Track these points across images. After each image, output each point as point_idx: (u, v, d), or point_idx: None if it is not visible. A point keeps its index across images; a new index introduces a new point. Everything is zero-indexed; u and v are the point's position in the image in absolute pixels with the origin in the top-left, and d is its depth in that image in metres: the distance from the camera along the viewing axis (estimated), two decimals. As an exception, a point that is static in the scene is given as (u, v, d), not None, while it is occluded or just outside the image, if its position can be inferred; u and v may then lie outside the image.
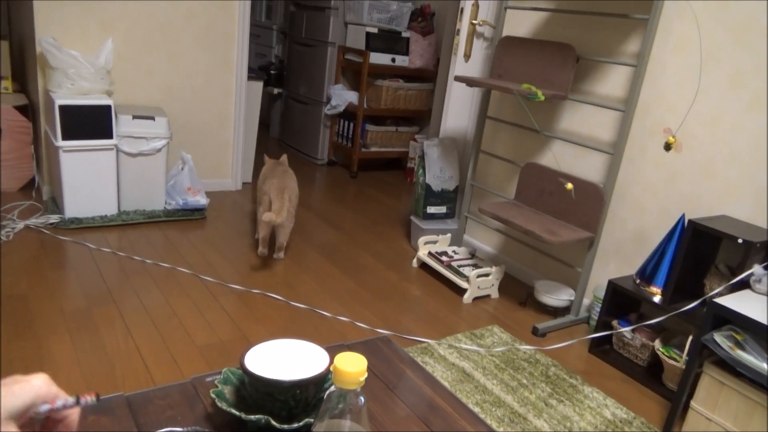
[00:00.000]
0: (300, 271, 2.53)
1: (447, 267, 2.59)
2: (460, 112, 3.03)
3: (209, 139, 3.31)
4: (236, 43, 3.22)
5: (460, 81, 2.45)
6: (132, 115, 2.71)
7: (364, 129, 4.16)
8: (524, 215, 2.35)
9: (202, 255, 2.55)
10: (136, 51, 2.94)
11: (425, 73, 4.24)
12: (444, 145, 2.93)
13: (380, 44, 3.97)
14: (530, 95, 2.17)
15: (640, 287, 2.08)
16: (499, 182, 2.83)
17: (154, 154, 2.80)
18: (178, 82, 3.11)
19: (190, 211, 2.95)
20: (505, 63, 2.49)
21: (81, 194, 2.66)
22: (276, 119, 5.06)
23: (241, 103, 3.33)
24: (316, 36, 4.26)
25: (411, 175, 4.29)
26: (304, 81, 4.48)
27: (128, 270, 2.31)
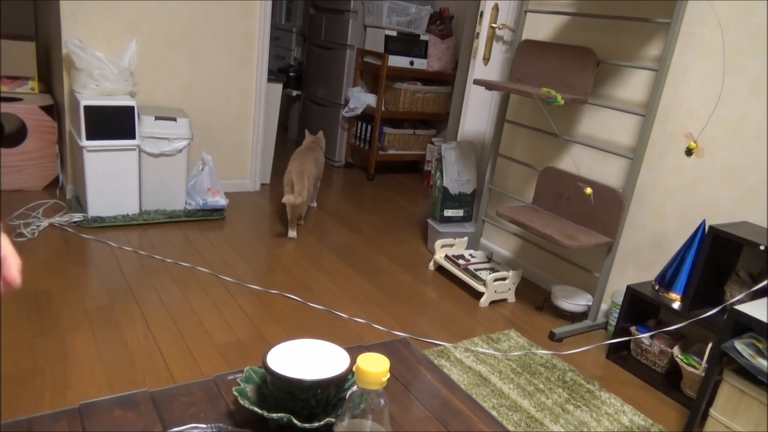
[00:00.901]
0: (317, 272, 2.55)
1: (464, 270, 2.59)
2: (478, 115, 3.03)
3: (229, 140, 3.35)
4: (257, 44, 3.25)
5: (479, 84, 2.45)
6: (154, 116, 2.75)
7: (382, 131, 4.17)
8: (542, 219, 2.34)
9: (221, 255, 2.58)
10: (159, 52, 2.99)
11: (443, 76, 4.24)
12: (462, 148, 2.93)
13: (399, 47, 3.99)
14: (550, 99, 2.17)
15: (659, 293, 2.06)
16: (517, 186, 2.82)
17: (176, 155, 2.84)
18: (199, 83, 3.15)
19: (209, 212, 2.99)
20: (525, 66, 2.49)
21: (104, 193, 2.70)
22: (294, 121, 5.09)
23: (260, 104, 3.36)
24: (335, 38, 4.28)
25: (428, 178, 4.29)
26: (322, 83, 4.50)
27: (149, 268, 2.35)
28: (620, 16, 2.26)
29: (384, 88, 4.01)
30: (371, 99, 4.12)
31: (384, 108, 4.13)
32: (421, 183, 4.34)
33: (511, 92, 2.30)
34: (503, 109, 2.66)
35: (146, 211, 2.87)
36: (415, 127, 4.38)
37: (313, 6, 4.65)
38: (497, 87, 2.38)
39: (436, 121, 4.51)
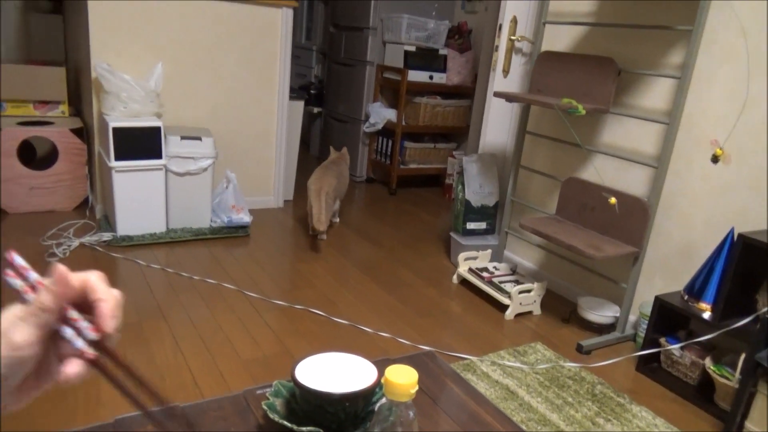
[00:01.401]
0: (341, 287, 2.56)
1: (488, 283, 2.57)
2: (499, 127, 3.03)
3: (252, 158, 3.40)
4: (278, 64, 3.31)
5: (499, 96, 2.46)
6: (180, 136, 2.81)
7: (403, 146, 4.19)
8: (566, 230, 2.32)
9: (246, 271, 2.60)
10: (184, 73, 3.06)
11: (463, 90, 4.25)
12: (483, 160, 2.93)
13: (418, 62, 4.02)
14: (571, 110, 2.16)
15: (688, 303, 2.02)
16: (540, 197, 2.81)
17: (201, 173, 2.89)
18: (223, 102, 3.21)
19: (234, 229, 3.03)
20: (545, 78, 2.49)
21: (132, 213, 2.76)
22: (316, 137, 5.14)
23: (282, 122, 3.41)
24: (355, 55, 4.33)
25: (449, 192, 4.29)
26: (342, 100, 4.55)
27: (176, 286, 2.38)
28: (640, 24, 2.25)
29: (404, 103, 4.03)
30: (391, 114, 4.15)
31: (404, 122, 4.15)
32: (442, 196, 4.34)
33: (531, 104, 2.30)
34: (524, 121, 2.65)
35: (173, 229, 2.92)
36: (436, 140, 4.39)
37: (333, 25, 4.72)
38: (518, 99, 2.38)
39: (456, 135, 4.51)
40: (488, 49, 3.75)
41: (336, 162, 3.31)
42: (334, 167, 3.19)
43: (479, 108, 3.92)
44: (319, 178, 3.03)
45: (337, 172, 3.17)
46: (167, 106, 3.05)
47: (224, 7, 3.06)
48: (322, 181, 3.01)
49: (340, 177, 3.20)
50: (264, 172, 3.47)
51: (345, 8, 4.45)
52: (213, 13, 3.04)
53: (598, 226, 2.34)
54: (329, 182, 3.02)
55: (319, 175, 3.07)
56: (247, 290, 2.41)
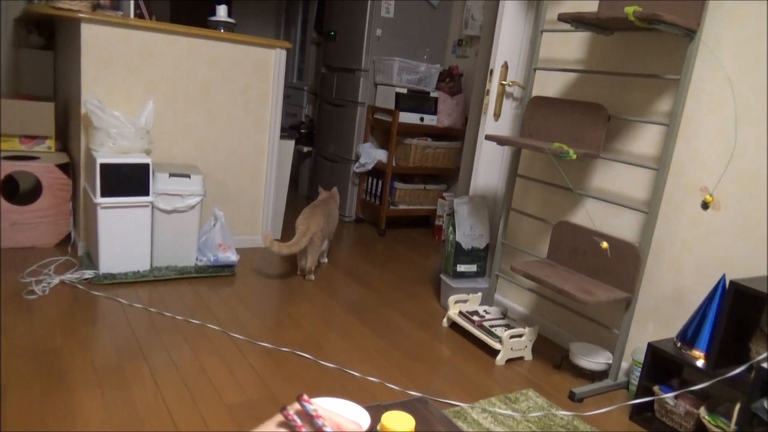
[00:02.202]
0: (329, 329, 2.53)
1: (478, 327, 2.56)
2: (490, 169, 3.07)
3: (241, 196, 3.40)
4: (270, 103, 3.35)
5: (490, 140, 2.50)
6: (169, 173, 2.82)
7: (393, 187, 4.22)
8: (558, 274, 2.33)
9: (231, 311, 2.57)
10: (176, 111, 3.09)
11: (453, 132, 4.32)
12: (474, 202, 2.96)
13: (409, 104, 4.09)
14: (562, 154, 2.20)
15: (681, 351, 2.02)
16: (531, 241, 2.83)
17: (188, 211, 2.88)
18: (214, 140, 3.23)
19: (220, 268, 3.00)
20: (536, 122, 2.54)
21: (116, 250, 2.73)
22: (305, 176, 5.17)
23: (272, 160, 3.43)
24: (346, 96, 4.41)
25: (439, 233, 4.31)
26: (333, 139, 4.60)
27: (159, 326, 2.34)
28: (629, 72, 2.32)
29: (395, 144, 4.09)
30: (382, 154, 4.19)
31: (395, 163, 4.19)
32: (432, 238, 4.35)
33: (523, 147, 2.34)
34: (515, 164, 2.70)
35: (157, 267, 2.89)
36: (426, 182, 4.43)
37: (325, 66, 4.81)
38: (509, 142, 2.42)
39: (446, 176, 4.56)
40: (479, 92, 3.84)
41: (325, 202, 3.33)
42: (323, 207, 3.21)
43: (470, 150, 3.98)
44: (307, 218, 3.04)
45: (326, 211, 3.18)
46: (157, 142, 3.06)
47: (219, 46, 3.12)
48: (310, 221, 3.02)
49: (329, 217, 3.21)
50: (252, 211, 3.47)
51: (337, 50, 4.55)
52: (207, 52, 3.09)
53: (589, 271, 2.35)
54: (317, 222, 3.03)
55: (308, 214, 3.08)
56: (231, 331, 2.38)
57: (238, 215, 3.42)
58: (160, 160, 3.09)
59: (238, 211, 3.41)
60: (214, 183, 3.28)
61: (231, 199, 3.37)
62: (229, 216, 3.36)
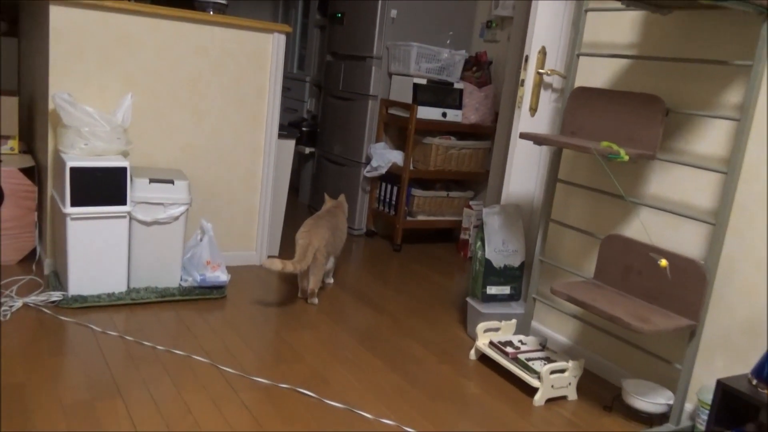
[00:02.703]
0: (335, 362, 2.52)
1: (513, 360, 2.54)
2: (525, 174, 3.06)
3: (233, 205, 3.42)
4: (267, 97, 3.38)
5: (526, 138, 2.49)
6: (149, 178, 2.84)
7: (410, 194, 4.23)
8: (607, 298, 2.31)
9: (221, 341, 2.57)
10: (158, 107, 3.12)
11: (481, 130, 4.32)
12: (506, 213, 2.95)
13: (429, 97, 4.10)
14: (611, 155, 2.19)
15: (757, 389, 1.99)
16: (575, 257, 2.80)
17: (171, 223, 2.90)
18: (202, 140, 3.26)
19: (208, 289, 3.01)
20: (579, 118, 2.53)
21: (88, 268, 2.75)
22: (307, 182, 5.19)
23: (269, 164, 3.45)
24: (355, 88, 4.43)
25: (465, 249, 4.29)
26: (340, 139, 4.62)
27: (137, 357, 2.35)
28: (691, 58, 2.31)
29: (412, 144, 4.09)
30: (397, 156, 4.20)
31: (412, 167, 4.20)
32: (457, 254, 4.34)
33: (564, 147, 2.33)
34: (555, 167, 2.69)
35: (135, 288, 2.91)
36: (449, 188, 4.43)
37: (330, 53, 4.85)
38: (548, 142, 2.41)
39: (473, 182, 4.56)
40: (511, 83, 3.83)
41: (331, 212, 3.33)
42: (328, 218, 3.21)
43: (501, 151, 3.97)
44: (308, 231, 3.04)
45: (331, 224, 3.19)
46: (136, 143, 3.09)
47: (208, 32, 3.15)
48: (313, 235, 3.02)
49: (335, 230, 3.21)
50: (246, 223, 3.48)
51: (345, 35, 4.58)
52: (195, 38, 3.13)
53: (645, 294, 2.33)
54: (321, 236, 3.04)
55: (310, 227, 3.08)
56: (222, 364, 2.38)
57: (229, 228, 3.43)
58: (140, 163, 3.12)
59: (229, 223, 3.43)
60: (201, 190, 3.30)
61: (221, 210, 3.39)
62: (219, 229, 3.37)
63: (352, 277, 3.59)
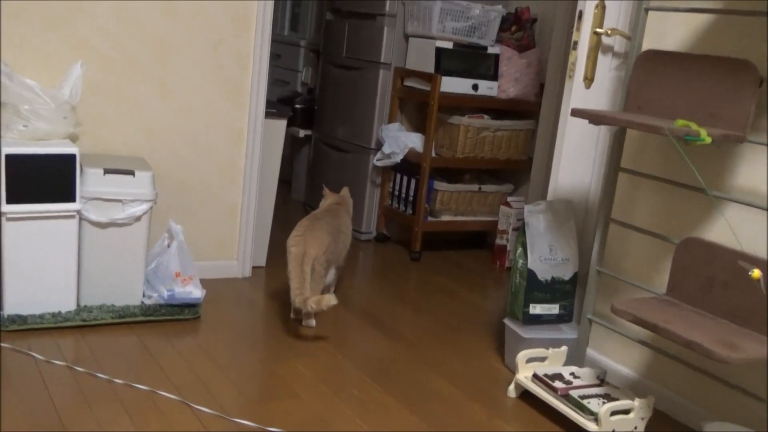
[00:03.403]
0: (338, 400, 2.53)
1: (563, 398, 2.53)
2: (578, 162, 3.05)
3: (209, 203, 3.43)
4: (251, 67, 3.39)
5: (579, 116, 2.48)
6: (103, 168, 2.85)
7: (432, 188, 4.22)
8: (683, 318, 2.29)
9: (194, 373, 2.58)
10: (115, 80, 3.14)
11: (523, 106, 4.31)
12: (555, 211, 2.94)
13: (456, 65, 4.09)
14: (689, 136, 2.18)
15: None
16: (642, 267, 2.79)
17: (132, 224, 2.91)
18: (170, 122, 3.27)
19: (178, 308, 3.02)
20: (648, 89, 2.52)
21: (27, 282, 2.77)
22: (301, 173, 5.20)
23: (255, 150, 3.46)
24: (363, 54, 4.43)
25: (502, 258, 4.28)
26: (343, 119, 4.63)
27: (89, 393, 2.36)
28: (790, 13, 2.29)
29: (435, 125, 4.09)
30: (415, 141, 4.20)
31: (435, 153, 4.19)
32: (491, 264, 4.33)
33: (628, 127, 2.32)
34: (617, 153, 2.67)
35: (87, 307, 2.92)
36: (482, 180, 4.42)
37: (331, 10, 4.85)
38: (608, 120, 2.40)
39: (512, 172, 4.54)
40: (561, 46, 3.82)
41: (332, 211, 3.34)
42: (328, 219, 3.22)
43: (547, 133, 3.96)
44: (303, 235, 3.04)
45: (333, 225, 3.19)
46: (87, 125, 3.10)
47: (176, -16, 3.18)
48: (309, 240, 3.02)
49: (338, 234, 3.21)
50: (225, 225, 3.49)
51: (350, -13, 4.59)
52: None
53: (732, 313, 2.31)
54: (320, 241, 3.04)
55: (305, 230, 3.08)
56: (195, 402, 2.38)
57: (204, 232, 3.44)
58: (92, 150, 3.14)
59: (204, 224, 3.44)
60: (169, 184, 3.31)
61: (194, 208, 3.40)
62: (192, 232, 3.37)
63: (359, 294, 3.59)
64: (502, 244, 4.29)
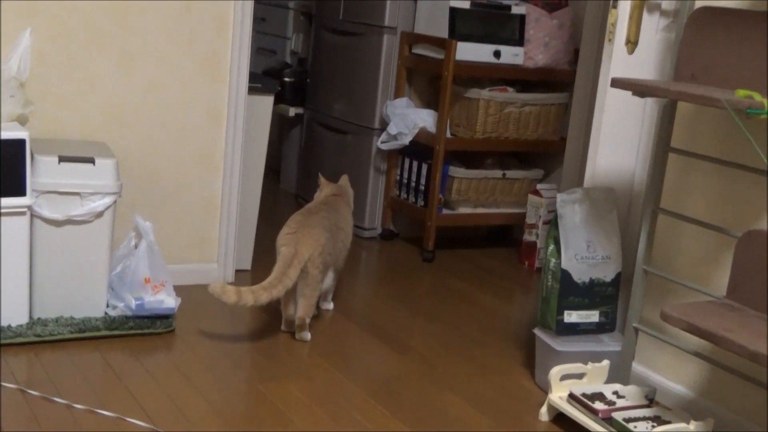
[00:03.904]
0: (337, 426, 2.53)
1: (605, 421, 2.54)
2: (620, 141, 3.04)
3: (183, 196, 3.43)
4: (231, 33, 3.38)
5: (620, 87, 2.48)
6: (58, 156, 2.85)
7: (447, 175, 4.22)
8: (747, 325, 2.29)
9: (167, 396, 2.59)
10: (70, 50, 3.13)
11: (554, 76, 4.31)
12: (592, 200, 2.93)
13: (474, 28, 4.09)
14: (752, 109, 2.17)
15: None
16: (697, 266, 2.79)
17: (92, 222, 2.92)
18: (136, 100, 3.27)
19: (148, 320, 3.02)
20: (702, 54, 2.51)
21: (-31, 290, 2.78)
22: (292, 160, 5.20)
23: (237, 133, 3.45)
24: (363, 17, 4.43)
25: (531, 256, 4.28)
26: (340, 94, 4.62)
27: (45, 421, 2.36)
28: None
29: (450, 100, 4.08)
30: (427, 119, 4.20)
31: (450, 134, 4.19)
32: (518, 264, 4.33)
33: (679, 99, 2.31)
34: (666, 131, 2.67)
35: (41, 320, 2.92)
36: (506, 165, 4.42)
37: (325, -35, 4.83)
38: (655, 91, 2.39)
39: (542, 155, 4.54)
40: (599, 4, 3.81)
41: (330, 204, 3.34)
42: (325, 213, 3.22)
43: (583, 107, 3.95)
44: (295, 233, 3.05)
45: (330, 221, 3.19)
46: (38, 104, 3.10)
47: (141, -65, 3.17)
48: (302, 238, 3.02)
49: (336, 231, 3.22)
50: (203, 221, 3.49)
51: (347, -63, 4.57)
52: (122, -54, 3.15)
53: (805, 319, 2.31)
54: (314, 240, 3.04)
55: (298, 226, 3.09)
56: (169, 429, 2.39)
57: (178, 228, 3.44)
58: (45, 134, 3.13)
59: (177, 221, 3.44)
60: (136, 173, 3.31)
61: (166, 202, 3.40)
62: (163, 230, 3.37)
63: (362, 301, 3.59)
64: (531, 240, 4.29)
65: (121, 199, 3.09)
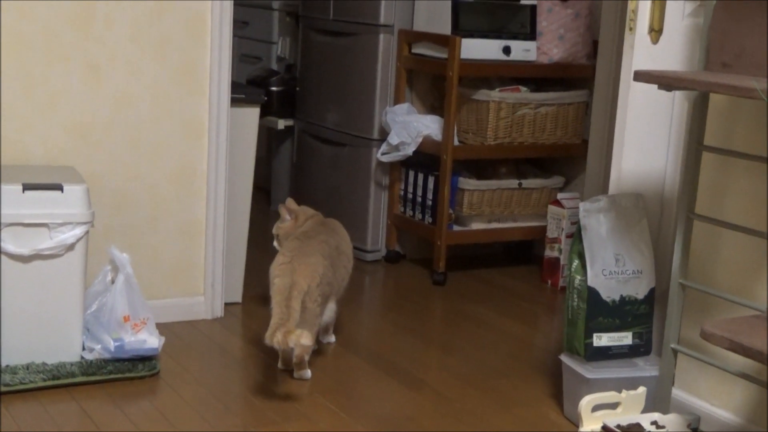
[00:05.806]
0: (346, 472, 2.54)
1: (644, 455, 2.54)
2: (647, 142, 3.04)
3: (162, 222, 3.43)
4: (209, 38, 3.40)
5: (644, 80, 2.49)
6: (22, 183, 2.86)
7: (457, 187, 4.22)
8: (798, 341, 2.29)
9: (154, 447, 2.60)
10: (29, 62, 3.14)
11: (572, 72, 4.32)
12: (620, 208, 2.93)
13: (481, 22, 4.10)
14: (791, 100, 2.18)
15: None
16: (739, 277, 2.79)
17: (63, 255, 2.92)
18: (105, 116, 3.28)
19: (129, 363, 3.02)
20: (735, 40, 2.52)
21: (-72, 337, 2.79)
22: (283, 177, 5.20)
23: (220, 149, 3.46)
24: (356, 15, 4.44)
25: (555, 275, 4.27)
26: (334, 102, 4.63)
27: (16, 481, 2.37)
28: None
29: (456, 104, 4.09)
30: (431, 125, 4.20)
31: (458, 141, 4.19)
32: (540, 284, 4.32)
33: (711, 91, 2.32)
34: (698, 127, 2.67)
35: (10, 367, 2.92)
36: (522, 174, 4.42)
37: (312, -41, 4.86)
38: (682, 83, 2.40)
39: (562, 160, 4.54)
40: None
41: (327, 225, 3.35)
42: (324, 237, 3.23)
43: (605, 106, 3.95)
44: (290, 261, 3.04)
45: (330, 245, 3.21)
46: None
47: (105, -65, 3.19)
48: (298, 267, 3.01)
49: (337, 255, 3.23)
50: (186, 250, 3.49)
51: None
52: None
53: None
54: (312, 269, 3.04)
55: (293, 253, 3.09)
56: (157, 486, 2.40)
57: (158, 259, 3.45)
58: (5, 160, 3.12)
59: (157, 251, 3.44)
60: (108, 199, 3.31)
61: (143, 230, 3.40)
62: (142, 262, 3.38)
63: (367, 331, 3.59)
64: (553, 256, 4.28)
65: (94, 229, 3.09)
